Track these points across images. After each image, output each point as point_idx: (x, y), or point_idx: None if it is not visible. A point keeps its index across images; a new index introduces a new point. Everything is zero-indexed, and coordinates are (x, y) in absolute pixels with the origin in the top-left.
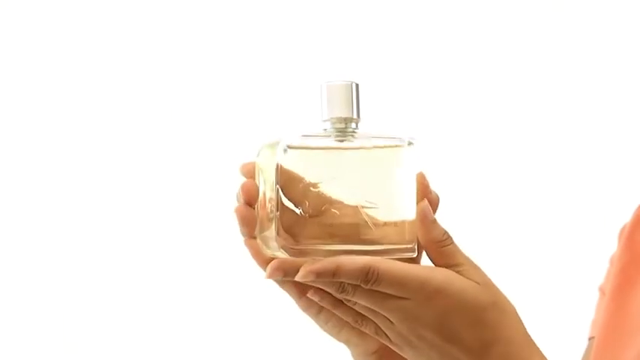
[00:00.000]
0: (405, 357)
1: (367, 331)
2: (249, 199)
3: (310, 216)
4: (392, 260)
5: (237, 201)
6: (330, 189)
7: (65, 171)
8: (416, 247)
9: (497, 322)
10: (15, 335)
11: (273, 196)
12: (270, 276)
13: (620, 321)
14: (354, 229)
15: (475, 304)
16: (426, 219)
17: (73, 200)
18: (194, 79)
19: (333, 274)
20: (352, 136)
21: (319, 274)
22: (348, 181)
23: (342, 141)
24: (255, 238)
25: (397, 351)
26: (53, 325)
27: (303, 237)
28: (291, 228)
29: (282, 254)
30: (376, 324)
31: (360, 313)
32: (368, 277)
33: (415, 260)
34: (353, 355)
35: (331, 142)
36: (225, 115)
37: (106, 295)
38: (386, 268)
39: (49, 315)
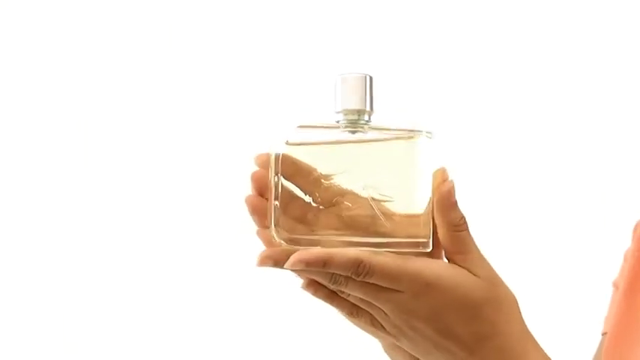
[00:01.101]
0: (403, 347)
1: (363, 322)
2: (260, 189)
3: (322, 208)
4: (384, 253)
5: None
6: (342, 181)
7: (66, 170)
8: (430, 242)
9: (494, 317)
10: (15, 335)
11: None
12: (260, 264)
13: (632, 318)
14: (365, 222)
15: (468, 300)
16: (448, 200)
17: (74, 199)
18: (206, 74)
19: (324, 264)
20: (364, 128)
21: (309, 263)
22: (359, 174)
23: (353, 132)
24: (267, 227)
25: (394, 342)
26: (53, 325)
27: (316, 228)
28: (302, 219)
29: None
30: (371, 315)
31: (355, 305)
32: (359, 270)
33: (433, 255)
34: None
35: (343, 134)
36: (237, 108)
37: (106, 295)
38: (377, 261)
39: (49, 315)
